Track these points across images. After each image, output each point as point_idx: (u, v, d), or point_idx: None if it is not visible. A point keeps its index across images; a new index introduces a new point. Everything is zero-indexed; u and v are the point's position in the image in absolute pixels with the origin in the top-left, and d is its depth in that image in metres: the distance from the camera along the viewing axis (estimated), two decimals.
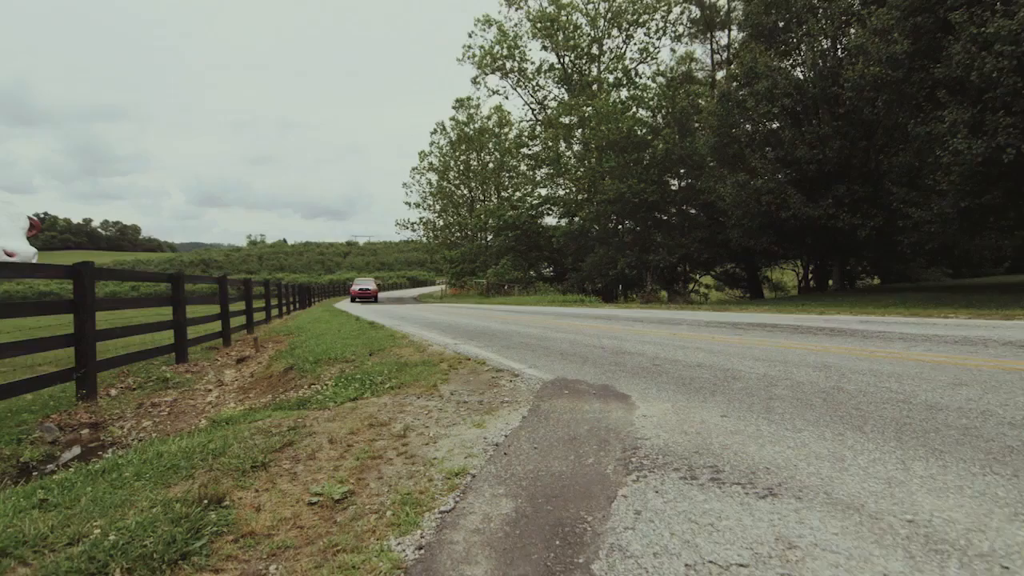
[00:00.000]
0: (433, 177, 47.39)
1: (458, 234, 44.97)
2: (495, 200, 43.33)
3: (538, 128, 36.84)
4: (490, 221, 35.95)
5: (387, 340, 6.16)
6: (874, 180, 16.86)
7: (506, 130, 43.31)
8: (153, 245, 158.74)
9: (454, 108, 45.75)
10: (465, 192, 46.48)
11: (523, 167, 39.66)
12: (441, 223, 46.90)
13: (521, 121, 40.00)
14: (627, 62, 33.13)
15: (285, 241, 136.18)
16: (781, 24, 19.30)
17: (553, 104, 35.74)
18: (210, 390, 5.92)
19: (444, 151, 47.13)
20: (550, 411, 2.87)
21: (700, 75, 30.69)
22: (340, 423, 2.79)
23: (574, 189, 32.41)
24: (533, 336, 6.48)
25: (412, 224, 46.79)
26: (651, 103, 25.94)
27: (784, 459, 2.01)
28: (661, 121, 24.87)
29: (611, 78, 32.15)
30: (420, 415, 2.90)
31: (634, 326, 7.48)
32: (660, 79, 28.54)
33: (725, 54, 29.54)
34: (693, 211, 24.97)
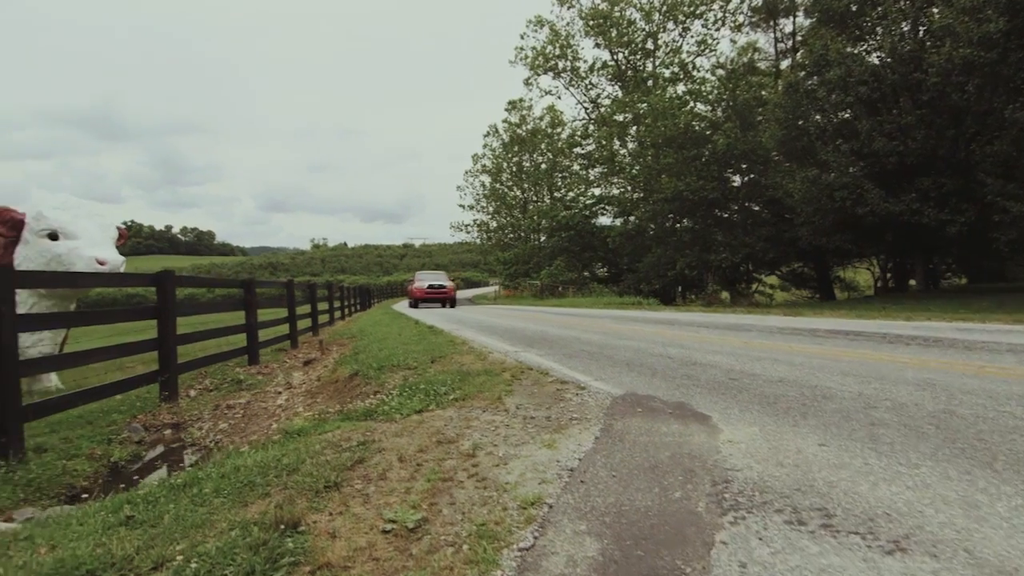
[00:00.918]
0: (486, 179, 47.79)
1: (511, 235, 45.09)
2: (548, 201, 43.16)
3: (591, 127, 36.37)
4: (543, 222, 35.83)
5: (447, 346, 6.15)
6: (964, 172, 15.46)
7: (559, 130, 43.06)
8: (226, 249, 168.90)
9: (506, 110, 45.96)
10: (518, 193, 46.55)
11: (576, 167, 39.28)
12: (494, 224, 47.19)
13: (574, 120, 39.67)
14: (684, 56, 32.13)
15: (345, 244, 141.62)
16: (854, 8, 18.06)
17: (606, 102, 35.19)
18: (280, 392, 6.12)
19: (497, 153, 47.42)
20: (624, 432, 2.71)
21: (763, 65, 29.31)
22: (408, 439, 2.75)
23: (629, 188, 31.75)
24: (594, 343, 6.30)
25: (466, 226, 47.32)
26: (710, 97, 24.95)
27: (905, 503, 1.77)
28: (721, 115, 23.87)
29: (667, 73, 31.26)
30: (487, 431, 2.82)
31: (700, 332, 7.15)
32: (720, 72, 27.47)
33: (790, 42, 28.03)
34: (757, 208, 23.82)
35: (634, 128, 30.85)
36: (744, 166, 23.85)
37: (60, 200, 6.93)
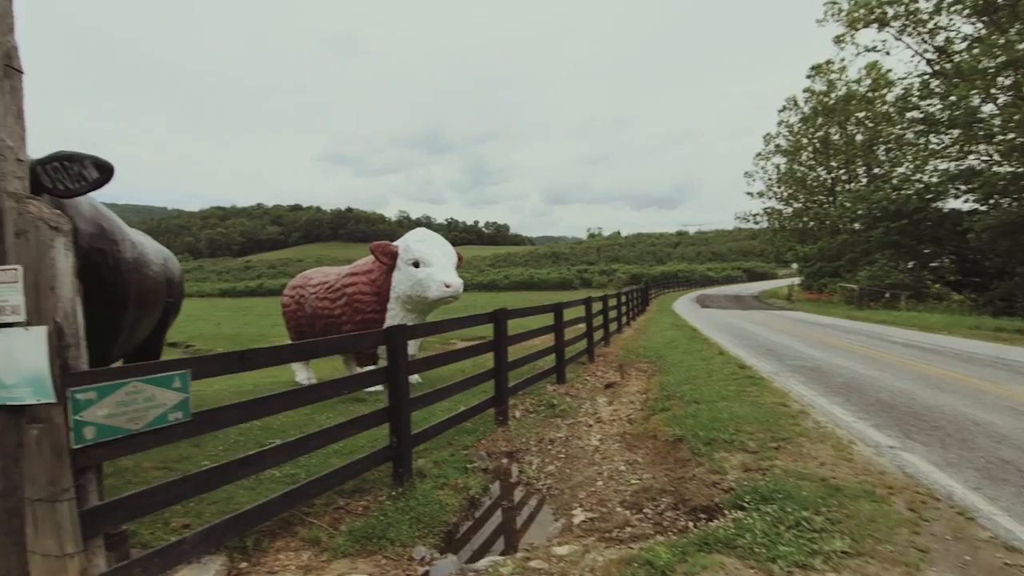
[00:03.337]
0: (780, 161, 42.07)
1: (812, 224, 38.72)
2: (864, 181, 35.51)
3: (934, 83, 28.17)
4: (859, 209, 29.56)
5: (782, 415, 5.18)
6: None
7: (883, 92, 34.79)
8: (517, 240, 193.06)
9: (808, 77, 39.38)
10: (822, 174, 39.61)
11: (910, 135, 31.16)
12: (790, 211, 41.27)
13: (907, 76, 31.38)
14: None
15: (619, 233, 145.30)
16: None
17: (961, 46, 26.63)
18: (591, 426, 6.23)
19: (795, 130, 41.20)
20: None
21: None
22: None
23: (998, 158, 23.48)
24: None
25: (754, 216, 42.69)
26: None
27: None
28: None
29: None
30: None
31: None
32: None
33: None
34: None
35: (1008, 76, 22.54)
36: None
37: (420, 233, 8.42)
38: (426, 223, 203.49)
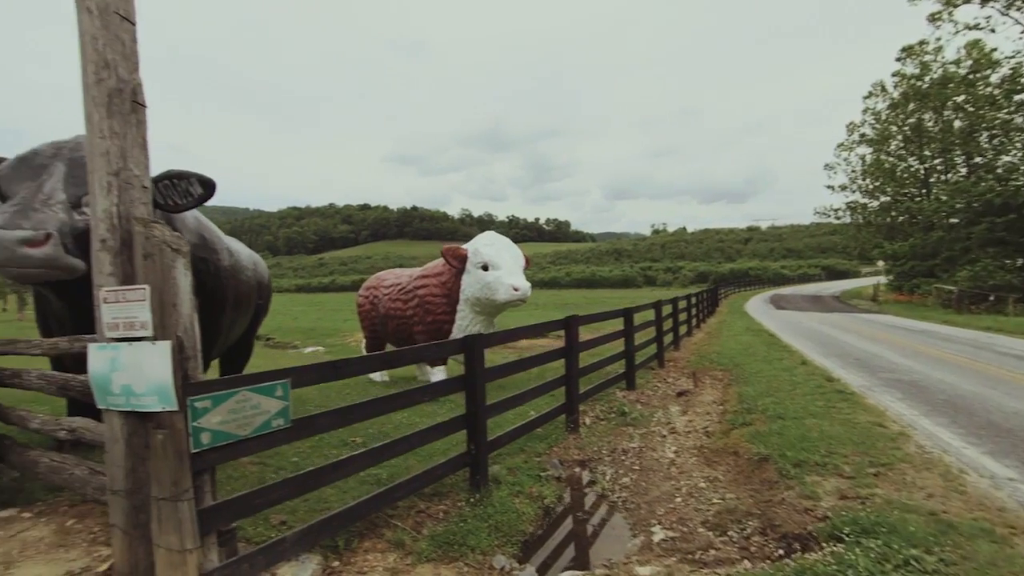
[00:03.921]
0: (866, 151, 39.14)
1: (902, 219, 35.79)
2: (963, 172, 32.40)
3: None
4: (957, 202, 27.02)
5: (878, 435, 4.78)
6: None
7: (987, 73, 31.51)
8: (578, 236, 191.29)
9: (898, 59, 36.35)
10: (914, 164, 36.48)
11: (1018, 119, 28.07)
12: (876, 205, 38.34)
13: (1017, 54, 28.23)
14: None
15: (684, 229, 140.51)
16: None
17: None
18: (664, 437, 6.07)
19: (882, 117, 38.16)
20: None
21: None
22: None
23: None
24: None
25: (835, 211, 40.04)
26: None
27: None
28: None
29: None
30: None
31: None
32: None
33: None
34: None
35: None
36: None
37: (488, 237, 8.51)
38: (487, 220, 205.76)
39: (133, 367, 2.53)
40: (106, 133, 2.64)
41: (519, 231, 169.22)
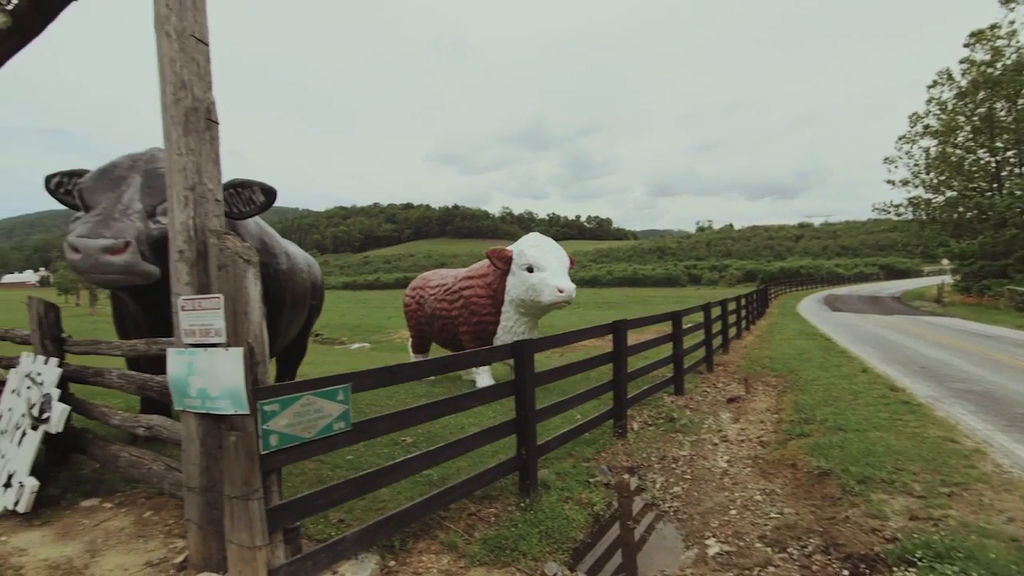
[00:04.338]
0: (930, 143, 36.87)
1: (970, 216, 33.55)
2: None
3: None
4: None
5: (951, 451, 4.50)
6: None
7: None
8: (620, 234, 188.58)
9: (966, 46, 34.03)
10: (984, 157, 34.12)
11: None
12: (941, 200, 36.07)
13: None
14: None
15: (731, 226, 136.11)
16: None
17: None
18: (716, 445, 5.92)
19: (949, 107, 35.83)
20: None
21: None
22: None
23: None
24: None
25: (896, 207, 37.97)
26: None
27: None
28: None
29: None
30: None
31: None
32: None
33: None
34: None
35: None
36: None
37: (533, 239, 8.49)
38: (528, 219, 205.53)
39: (208, 372, 2.67)
40: (183, 150, 2.79)
41: (560, 229, 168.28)
